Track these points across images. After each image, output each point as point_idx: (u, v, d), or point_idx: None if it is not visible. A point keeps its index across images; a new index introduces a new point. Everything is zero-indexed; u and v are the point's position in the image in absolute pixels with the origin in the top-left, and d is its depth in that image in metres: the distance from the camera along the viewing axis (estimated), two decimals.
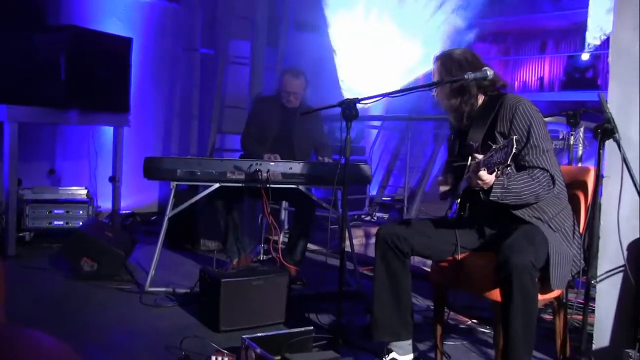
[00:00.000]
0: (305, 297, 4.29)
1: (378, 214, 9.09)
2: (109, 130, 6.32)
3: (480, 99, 3.02)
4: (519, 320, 2.55)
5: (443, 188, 3.09)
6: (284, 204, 6.37)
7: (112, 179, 6.05)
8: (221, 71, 7.32)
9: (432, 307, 3.22)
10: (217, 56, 7.43)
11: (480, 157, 2.67)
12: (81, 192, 6.04)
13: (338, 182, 3.64)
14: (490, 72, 2.91)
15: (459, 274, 2.94)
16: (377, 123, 9.69)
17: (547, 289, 2.72)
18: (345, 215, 3.45)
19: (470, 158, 2.83)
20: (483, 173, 2.62)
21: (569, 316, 3.18)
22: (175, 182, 4.22)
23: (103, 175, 6.37)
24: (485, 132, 2.89)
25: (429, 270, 3.18)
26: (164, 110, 7.67)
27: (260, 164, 4.27)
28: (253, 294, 3.63)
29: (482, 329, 3.79)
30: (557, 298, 3.05)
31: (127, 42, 5.96)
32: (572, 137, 4.24)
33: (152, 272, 4.31)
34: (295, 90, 4.91)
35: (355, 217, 8.49)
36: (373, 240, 7.87)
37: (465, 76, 2.90)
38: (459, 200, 2.94)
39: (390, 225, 3.03)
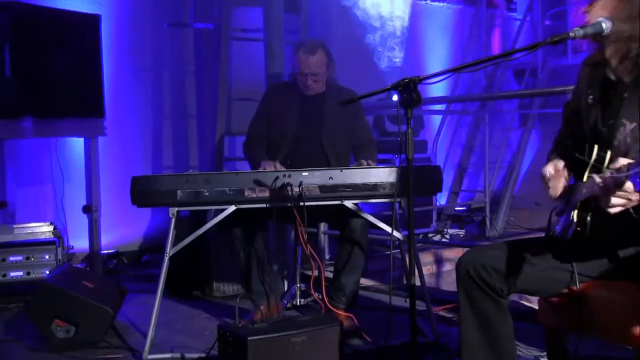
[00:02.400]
0: (365, 354, 4.27)
1: (451, 231, 9.07)
2: (77, 143, 6.33)
3: None
4: None
5: (554, 190, 2.96)
6: (323, 226, 6.32)
7: (87, 209, 6.04)
8: (224, 51, 7.30)
9: None
10: (218, 31, 7.41)
11: (624, 162, 2.45)
12: (45, 229, 6.02)
13: (399, 192, 3.57)
14: None
15: (582, 312, 2.89)
16: (440, 107, 9.63)
17: None
18: (412, 237, 3.37)
19: (597, 151, 2.70)
20: (630, 187, 2.43)
21: None
22: (176, 208, 4.21)
23: (74, 205, 6.38)
24: None
25: (536, 307, 3.10)
26: (151, 110, 7.70)
27: (290, 176, 4.24)
28: (293, 356, 3.59)
29: None
30: None
31: (93, 21, 5.98)
32: None
33: (151, 332, 4.28)
34: (313, 71, 4.94)
35: (421, 236, 8.42)
36: (446, 267, 7.91)
37: None
38: (575, 211, 2.80)
39: (474, 252, 2.98)
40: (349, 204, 4.35)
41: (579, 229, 2.81)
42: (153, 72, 7.69)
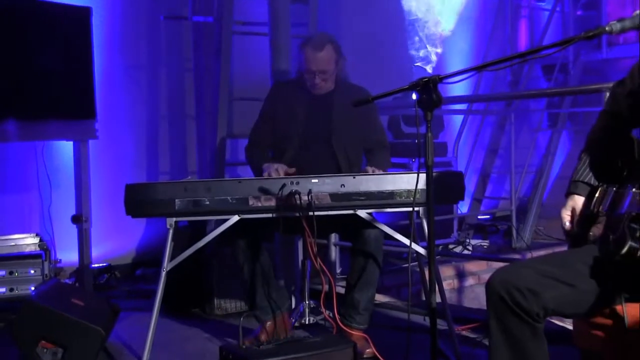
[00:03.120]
0: None
1: (473, 242, 9.05)
2: (66, 147, 6.33)
3: None
4: None
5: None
6: (333, 237, 6.32)
7: (77, 219, 6.05)
8: (226, 46, 7.28)
9: None
10: (219, 25, 7.39)
11: None
12: (30, 241, 6.04)
13: (418, 201, 3.57)
14: None
15: (627, 338, 2.85)
16: (461, 106, 9.61)
17: None
18: (433, 252, 3.35)
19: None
20: None
21: None
22: (174, 219, 4.22)
23: (62, 214, 6.39)
24: None
25: (570, 327, 3.09)
26: (146, 111, 7.71)
27: (298, 183, 4.26)
28: None
29: None
30: None
31: (83, 13, 5.98)
32: None
33: (146, 355, 4.32)
34: (321, 68, 4.94)
35: (440, 248, 8.41)
36: (468, 282, 7.89)
37: None
38: (630, 224, 2.77)
39: (506, 272, 2.93)
40: (362, 213, 4.36)
41: (633, 244, 2.77)
42: (148, 69, 7.70)
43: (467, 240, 8.89)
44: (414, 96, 3.14)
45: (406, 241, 4.27)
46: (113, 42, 7.31)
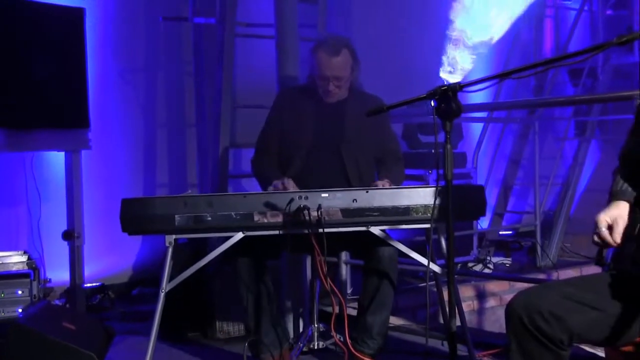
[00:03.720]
0: None
1: (495, 260, 9.01)
2: (57, 158, 6.33)
3: None
4: None
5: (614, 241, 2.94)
6: (344, 255, 6.31)
7: (68, 235, 6.05)
8: (229, 49, 7.27)
9: None
10: (222, 26, 7.39)
11: None
12: (17, 259, 6.03)
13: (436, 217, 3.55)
14: None
15: None
16: (481, 114, 9.59)
17: None
18: (452, 273, 3.35)
19: None
20: None
21: None
22: (174, 236, 4.22)
23: (52, 230, 6.39)
24: None
25: (600, 354, 3.08)
26: (143, 119, 7.72)
27: (307, 197, 4.24)
28: None
29: None
30: None
31: (76, 14, 5.99)
32: None
33: None
34: (336, 74, 4.93)
35: (459, 266, 8.38)
36: (489, 303, 7.87)
37: None
38: None
39: (528, 295, 2.92)
40: (376, 230, 4.34)
41: None
42: (145, 73, 7.72)
43: (488, 258, 8.84)
44: (432, 103, 3.14)
45: (424, 260, 4.25)
46: (107, 45, 7.33)
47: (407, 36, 8.93)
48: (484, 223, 9.56)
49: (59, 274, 6.42)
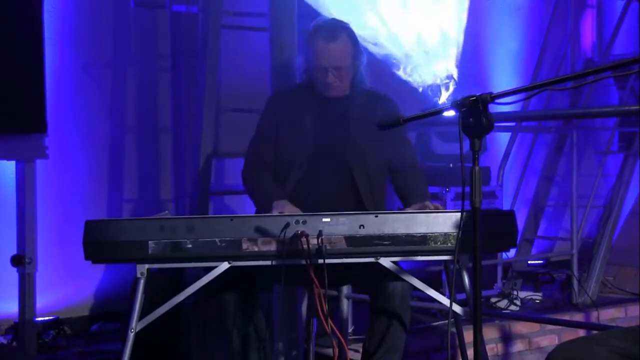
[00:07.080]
0: None
1: (522, 295, 8.98)
2: (6, 169, 6.34)
3: None
4: None
5: None
6: (345, 289, 6.31)
7: (18, 260, 6.05)
8: (213, 43, 7.30)
9: None
10: (205, 16, 7.41)
11: None
12: None
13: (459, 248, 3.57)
14: None
15: None
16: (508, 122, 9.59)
17: None
18: (480, 318, 3.36)
19: None
20: None
21: None
22: (147, 266, 4.19)
23: None
24: None
25: None
26: (109, 123, 7.73)
27: (305, 222, 4.21)
28: None
29: None
30: None
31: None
32: None
33: None
34: (335, 63, 4.93)
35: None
36: (517, 347, 7.90)
37: None
38: None
39: (572, 348, 2.93)
40: (386, 262, 4.30)
41: None
42: (113, 69, 7.76)
43: (515, 293, 8.81)
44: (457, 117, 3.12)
45: (445, 301, 4.25)
46: (67, 34, 7.34)
47: None
48: (509, 251, 9.56)
49: (5, 306, 6.44)
